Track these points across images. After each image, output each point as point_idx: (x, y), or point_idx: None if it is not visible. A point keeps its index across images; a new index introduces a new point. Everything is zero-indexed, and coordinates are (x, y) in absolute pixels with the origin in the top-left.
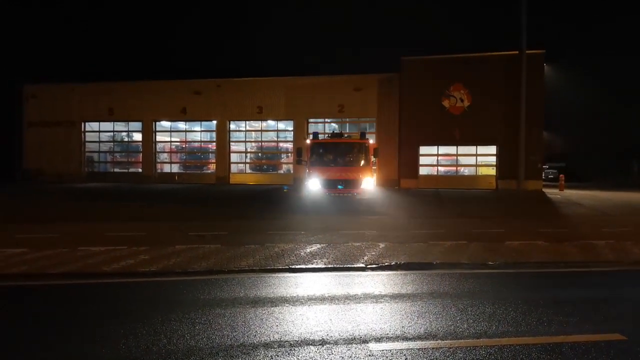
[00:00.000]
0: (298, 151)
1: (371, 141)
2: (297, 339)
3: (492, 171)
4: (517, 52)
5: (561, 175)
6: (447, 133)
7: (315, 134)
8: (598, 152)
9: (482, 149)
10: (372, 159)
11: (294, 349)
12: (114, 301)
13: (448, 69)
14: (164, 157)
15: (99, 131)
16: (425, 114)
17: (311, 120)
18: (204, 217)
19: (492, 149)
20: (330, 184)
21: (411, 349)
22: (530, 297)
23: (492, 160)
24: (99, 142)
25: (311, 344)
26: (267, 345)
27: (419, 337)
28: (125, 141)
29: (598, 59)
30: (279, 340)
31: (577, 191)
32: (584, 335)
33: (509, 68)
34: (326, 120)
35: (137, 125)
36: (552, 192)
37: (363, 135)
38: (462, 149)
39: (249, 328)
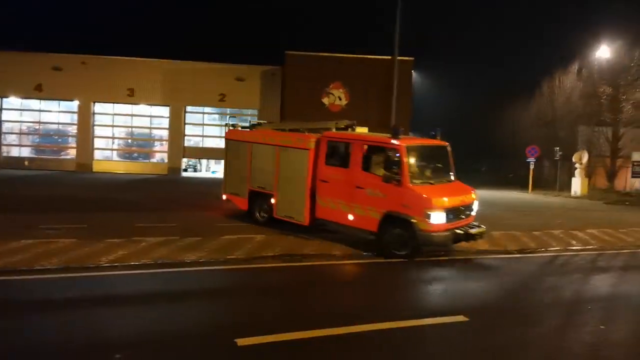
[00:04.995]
0: (387, 160)
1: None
2: None
3: None
4: (390, 57)
5: None
6: None
7: (396, 130)
8: (457, 152)
9: None
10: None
11: None
12: None
13: (329, 67)
14: (11, 138)
15: None
16: (306, 110)
17: (189, 108)
18: (62, 208)
19: None
20: (453, 214)
21: None
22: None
23: None
24: None
25: None
26: None
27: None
28: None
29: (464, 67)
30: None
31: None
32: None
33: (383, 72)
34: (205, 109)
35: None
36: None
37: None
38: None
39: None
